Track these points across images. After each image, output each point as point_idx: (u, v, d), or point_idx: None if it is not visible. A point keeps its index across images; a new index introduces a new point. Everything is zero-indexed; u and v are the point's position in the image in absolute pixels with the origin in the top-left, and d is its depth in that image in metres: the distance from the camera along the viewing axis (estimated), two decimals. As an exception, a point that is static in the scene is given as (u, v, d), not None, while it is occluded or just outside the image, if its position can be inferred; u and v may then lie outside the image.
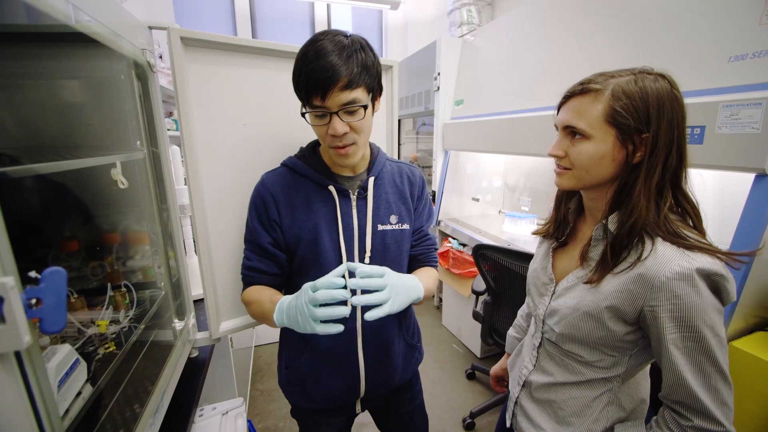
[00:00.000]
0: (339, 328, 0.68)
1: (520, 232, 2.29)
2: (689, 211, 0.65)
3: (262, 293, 0.85)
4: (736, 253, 0.60)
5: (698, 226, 0.66)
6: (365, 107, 0.75)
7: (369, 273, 0.70)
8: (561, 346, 0.75)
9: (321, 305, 0.67)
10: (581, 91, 0.66)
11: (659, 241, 0.62)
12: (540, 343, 0.81)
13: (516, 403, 0.86)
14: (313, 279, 0.84)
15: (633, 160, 0.64)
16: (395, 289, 0.72)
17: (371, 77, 0.75)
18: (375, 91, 0.78)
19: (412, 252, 0.96)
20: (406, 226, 0.91)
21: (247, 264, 0.87)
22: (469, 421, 1.91)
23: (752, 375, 1.00)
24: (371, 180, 0.88)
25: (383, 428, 1.13)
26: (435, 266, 0.99)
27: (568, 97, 0.68)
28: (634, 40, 1.44)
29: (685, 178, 0.65)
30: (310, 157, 0.88)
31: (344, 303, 0.68)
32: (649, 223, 0.62)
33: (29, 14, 0.61)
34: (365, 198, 0.87)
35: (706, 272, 0.58)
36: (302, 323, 0.69)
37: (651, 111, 0.61)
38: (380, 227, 0.88)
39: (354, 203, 0.86)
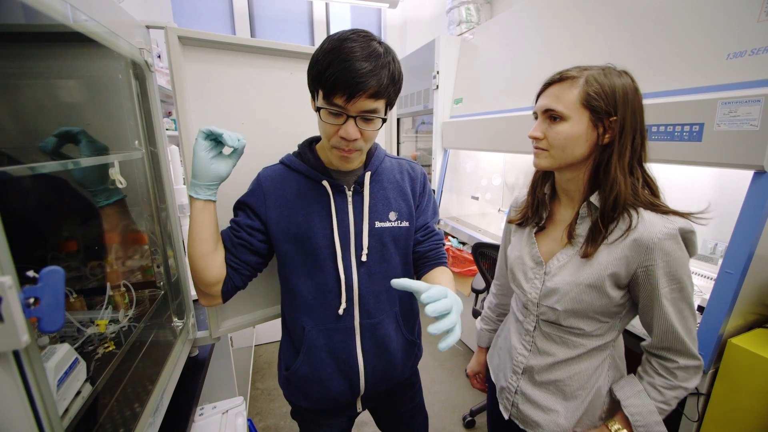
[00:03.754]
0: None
1: (520, 230, 2.28)
2: (650, 184, 0.75)
3: None
4: (696, 214, 0.71)
5: (658, 195, 0.75)
6: (383, 120, 0.75)
7: (435, 297, 0.61)
8: (561, 324, 0.78)
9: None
10: (559, 78, 0.74)
11: (642, 210, 0.71)
12: (534, 327, 0.83)
13: (516, 392, 0.87)
14: (306, 278, 0.85)
15: (603, 141, 0.72)
16: (458, 308, 0.64)
17: (395, 92, 0.76)
18: (392, 104, 0.78)
19: (421, 248, 0.94)
20: (406, 224, 0.89)
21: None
22: (470, 419, 1.91)
23: (751, 372, 1.00)
24: (368, 175, 0.86)
25: (384, 428, 1.13)
26: (446, 264, 0.95)
27: (547, 85, 0.76)
28: (633, 38, 1.44)
29: (645, 158, 0.75)
30: (305, 153, 0.87)
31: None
32: (628, 196, 0.71)
33: (26, 14, 0.61)
34: (361, 194, 0.86)
35: (684, 230, 0.69)
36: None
37: (618, 98, 0.70)
38: (378, 224, 0.86)
39: (350, 199, 0.85)
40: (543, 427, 0.82)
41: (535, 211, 0.86)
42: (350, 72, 0.67)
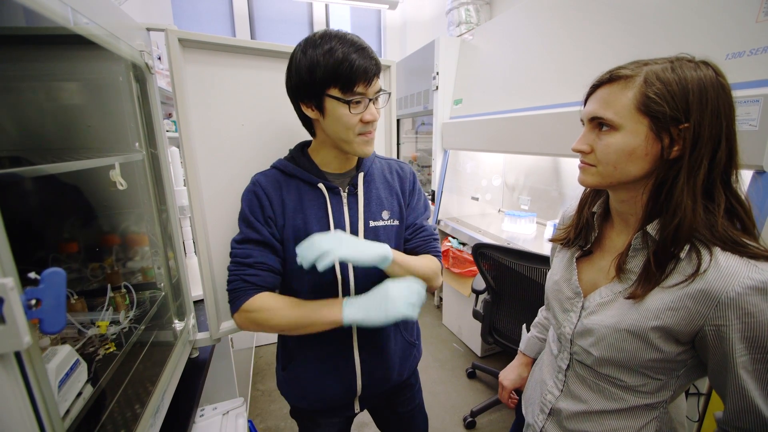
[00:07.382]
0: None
1: (520, 230, 2.29)
2: (741, 215, 0.57)
3: (288, 298, 0.81)
4: None
5: (751, 231, 0.57)
6: (389, 93, 0.87)
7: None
8: (597, 370, 0.66)
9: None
10: (609, 79, 0.60)
11: (718, 251, 0.54)
12: (568, 366, 0.72)
13: None
14: (303, 279, 0.85)
15: (669, 155, 0.56)
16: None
17: None
18: None
19: (408, 246, 0.94)
20: (396, 222, 0.90)
21: (247, 261, 0.79)
22: (470, 419, 1.91)
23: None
24: (361, 176, 0.88)
25: (383, 428, 1.13)
26: (436, 256, 0.94)
27: (595, 87, 0.62)
28: (632, 38, 1.45)
29: (736, 176, 0.57)
30: (298, 158, 0.88)
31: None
32: (698, 228, 0.55)
33: (27, 17, 0.61)
34: (356, 194, 0.87)
35: None
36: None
37: (691, 98, 0.54)
38: (372, 223, 0.87)
39: (345, 200, 0.86)
40: None
41: (580, 232, 0.72)
42: (361, 60, 0.73)
